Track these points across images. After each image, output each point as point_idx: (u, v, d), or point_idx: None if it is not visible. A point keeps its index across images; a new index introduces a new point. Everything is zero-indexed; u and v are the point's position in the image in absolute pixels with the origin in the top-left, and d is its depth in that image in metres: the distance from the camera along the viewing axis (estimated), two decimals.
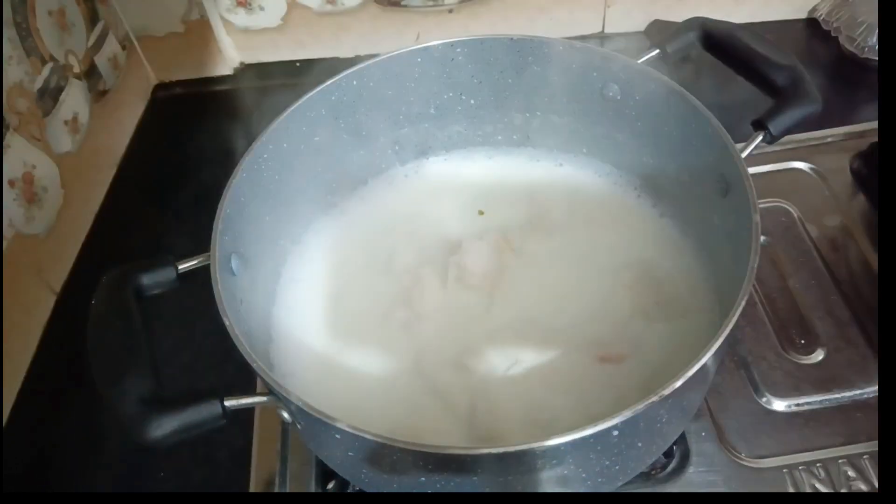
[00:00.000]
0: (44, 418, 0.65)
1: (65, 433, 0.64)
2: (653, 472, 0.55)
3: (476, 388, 0.52)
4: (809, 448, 0.55)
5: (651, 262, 0.59)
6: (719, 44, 0.58)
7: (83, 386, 0.47)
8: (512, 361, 0.53)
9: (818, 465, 0.54)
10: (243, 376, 0.52)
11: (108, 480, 0.61)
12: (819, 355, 0.61)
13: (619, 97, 0.60)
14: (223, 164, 0.54)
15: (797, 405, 0.58)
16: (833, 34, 0.89)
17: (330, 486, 0.57)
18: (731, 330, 0.41)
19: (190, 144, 0.88)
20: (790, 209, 0.71)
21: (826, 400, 0.58)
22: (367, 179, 0.68)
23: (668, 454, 0.56)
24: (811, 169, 0.74)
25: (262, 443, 0.60)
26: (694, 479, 0.54)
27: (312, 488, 0.56)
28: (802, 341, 0.62)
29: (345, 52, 0.95)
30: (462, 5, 0.90)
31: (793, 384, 0.59)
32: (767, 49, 0.55)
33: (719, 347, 0.40)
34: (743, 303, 0.42)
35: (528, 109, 0.66)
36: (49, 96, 0.74)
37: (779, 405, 0.58)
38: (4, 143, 0.67)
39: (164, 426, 0.40)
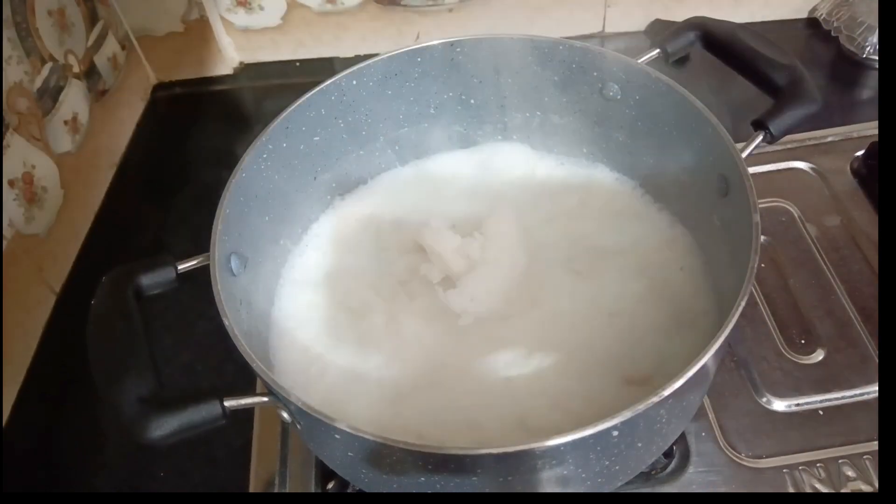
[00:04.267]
0: (44, 418, 0.65)
1: (65, 433, 0.64)
2: (653, 472, 0.55)
3: (480, 391, 0.52)
4: (809, 448, 0.55)
5: (652, 264, 0.58)
6: (719, 43, 0.58)
7: (83, 386, 0.47)
8: (523, 367, 0.52)
9: (818, 465, 0.54)
10: (243, 376, 0.52)
11: (108, 480, 0.61)
12: (819, 355, 0.60)
13: (619, 97, 0.60)
14: (223, 164, 0.54)
15: (797, 405, 0.58)
16: (833, 34, 0.89)
17: (330, 486, 0.57)
18: (731, 330, 0.41)
19: (190, 144, 0.88)
20: (790, 209, 0.71)
21: (826, 400, 0.58)
22: (367, 179, 0.68)
23: (668, 454, 0.56)
24: (811, 169, 0.74)
25: (262, 443, 0.60)
26: (694, 479, 0.54)
27: (312, 488, 0.56)
28: (802, 341, 0.62)
29: (345, 52, 0.95)
30: (462, 5, 0.90)
31: (793, 384, 0.59)
32: (767, 49, 0.55)
33: (719, 347, 0.40)
34: (743, 303, 0.41)
35: (527, 109, 0.66)
36: (49, 96, 0.74)
37: (779, 405, 0.58)
38: (4, 142, 0.67)
39: (164, 426, 0.40)
